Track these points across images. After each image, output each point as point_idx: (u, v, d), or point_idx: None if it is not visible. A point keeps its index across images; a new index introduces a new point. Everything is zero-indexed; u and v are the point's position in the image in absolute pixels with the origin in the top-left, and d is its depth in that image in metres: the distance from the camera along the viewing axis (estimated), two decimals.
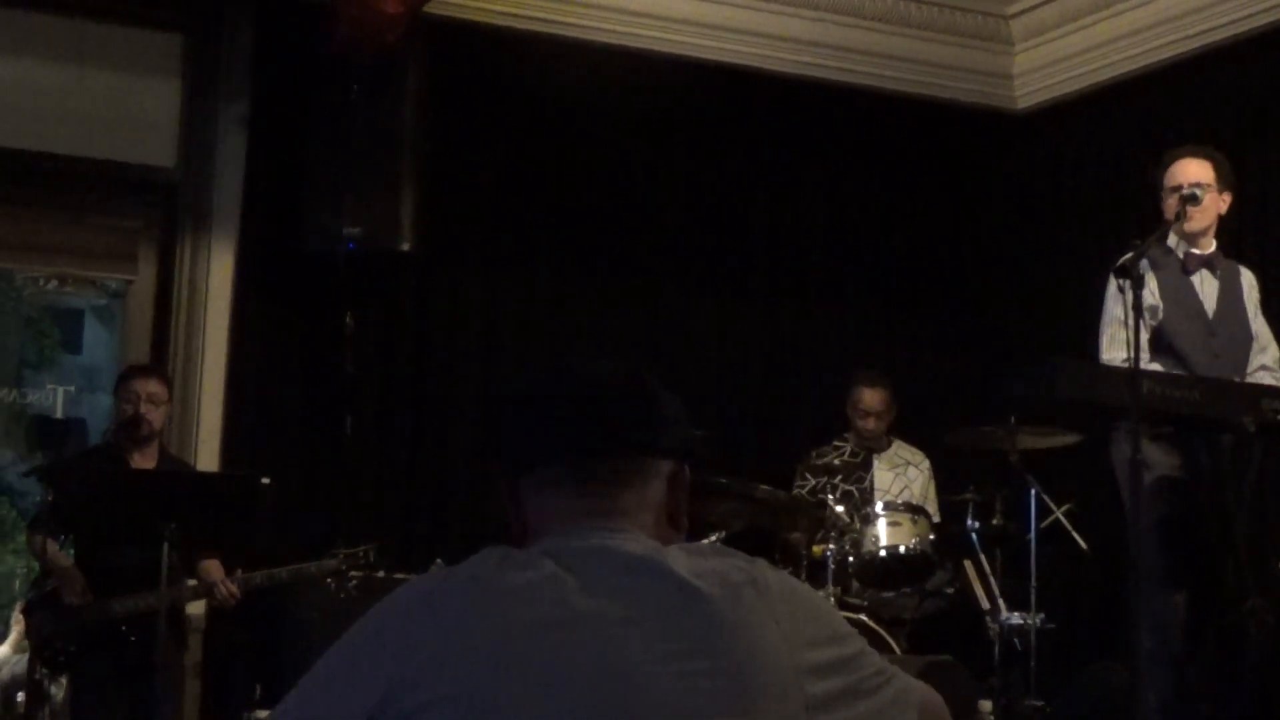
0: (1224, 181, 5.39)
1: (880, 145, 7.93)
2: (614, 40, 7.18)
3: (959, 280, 8.06)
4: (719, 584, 1.68)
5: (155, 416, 5.77)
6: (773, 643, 1.66)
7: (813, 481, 6.91)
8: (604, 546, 1.71)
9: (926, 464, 7.14)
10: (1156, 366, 5.13)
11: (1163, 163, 5.45)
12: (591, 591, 1.65)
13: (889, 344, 7.84)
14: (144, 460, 5.77)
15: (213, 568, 5.65)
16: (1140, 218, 6.33)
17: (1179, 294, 5.33)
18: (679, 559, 1.70)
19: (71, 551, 5.70)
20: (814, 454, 7.06)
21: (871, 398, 7.05)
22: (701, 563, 1.70)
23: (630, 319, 7.40)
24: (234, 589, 5.52)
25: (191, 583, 5.65)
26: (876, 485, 7.02)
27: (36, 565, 5.83)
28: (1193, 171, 5.35)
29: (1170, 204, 5.30)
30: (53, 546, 5.51)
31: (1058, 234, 7.74)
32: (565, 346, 7.13)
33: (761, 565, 1.74)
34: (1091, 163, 7.64)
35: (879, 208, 7.99)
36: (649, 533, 1.77)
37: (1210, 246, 5.43)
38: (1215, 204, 5.37)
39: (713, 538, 6.09)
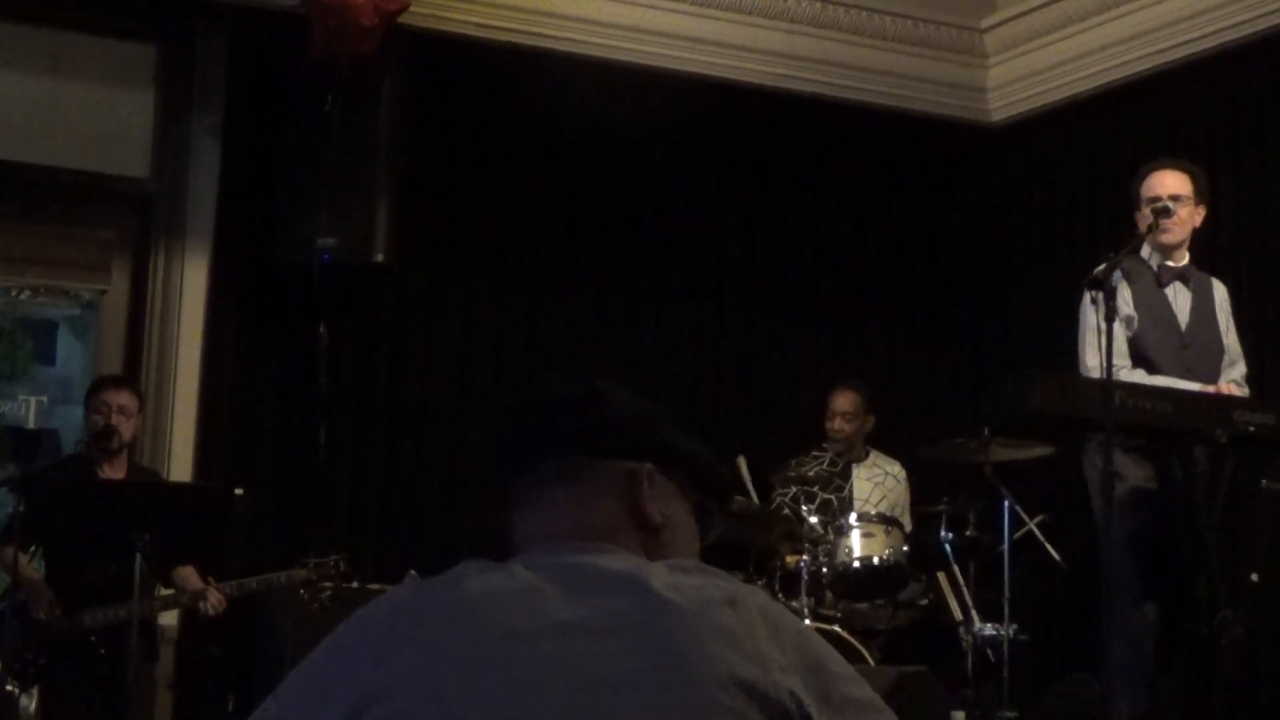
0: (1200, 195, 5.41)
1: (855, 158, 7.94)
2: (588, 52, 7.17)
3: (934, 292, 8.08)
4: (695, 599, 1.67)
5: (126, 428, 5.75)
6: (745, 662, 1.66)
7: (792, 490, 6.92)
8: (580, 560, 1.72)
9: (904, 474, 7.16)
10: (1141, 372, 5.15)
11: (1140, 174, 5.46)
12: (565, 603, 1.65)
13: (864, 355, 7.85)
14: (113, 471, 5.74)
15: (189, 574, 5.62)
16: (1115, 230, 6.36)
17: (1153, 306, 5.34)
18: (659, 574, 1.70)
19: (41, 564, 5.66)
20: (793, 463, 7.07)
21: (840, 399, 7.11)
22: (682, 579, 1.70)
23: (606, 331, 7.39)
24: (220, 595, 5.49)
25: (167, 592, 5.62)
26: (856, 495, 7.03)
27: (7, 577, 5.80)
28: (1170, 183, 5.36)
29: (1145, 215, 5.31)
30: (22, 559, 5.48)
31: (1032, 247, 7.75)
32: (541, 359, 7.13)
33: (745, 586, 1.74)
34: (1066, 176, 7.66)
35: (854, 220, 8.00)
36: (633, 548, 1.77)
37: (1184, 259, 5.45)
38: (1191, 217, 5.39)
39: None
